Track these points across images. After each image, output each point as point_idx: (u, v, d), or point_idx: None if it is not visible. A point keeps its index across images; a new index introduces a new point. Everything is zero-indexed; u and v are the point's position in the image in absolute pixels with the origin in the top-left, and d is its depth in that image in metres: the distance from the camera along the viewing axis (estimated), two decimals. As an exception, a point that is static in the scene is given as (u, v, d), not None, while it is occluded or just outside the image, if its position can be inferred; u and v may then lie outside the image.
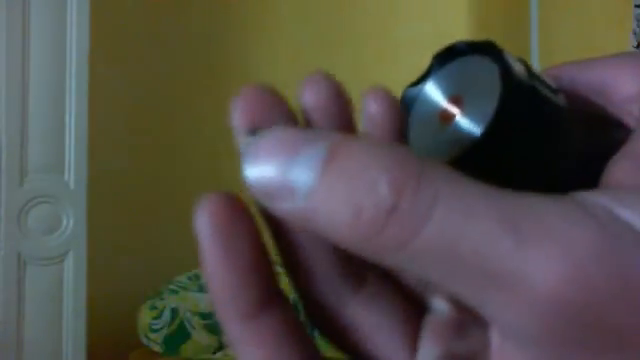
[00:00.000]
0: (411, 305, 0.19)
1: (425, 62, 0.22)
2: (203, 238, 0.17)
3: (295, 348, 0.17)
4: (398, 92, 0.22)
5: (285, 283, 0.18)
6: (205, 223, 0.17)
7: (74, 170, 1.60)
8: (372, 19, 2.57)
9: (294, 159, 0.15)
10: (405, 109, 0.21)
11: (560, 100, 0.19)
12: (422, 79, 0.21)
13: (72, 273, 1.60)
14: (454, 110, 0.20)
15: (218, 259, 0.17)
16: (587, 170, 0.19)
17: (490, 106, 0.18)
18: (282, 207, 0.15)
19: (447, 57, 0.21)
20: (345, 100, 0.19)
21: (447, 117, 0.20)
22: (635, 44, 2.17)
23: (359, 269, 0.18)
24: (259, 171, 0.15)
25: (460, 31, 2.65)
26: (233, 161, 0.19)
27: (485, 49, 0.19)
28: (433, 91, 0.21)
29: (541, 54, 2.53)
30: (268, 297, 0.17)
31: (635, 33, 2.16)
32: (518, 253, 0.13)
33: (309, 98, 0.19)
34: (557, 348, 0.14)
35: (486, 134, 0.18)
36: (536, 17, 2.56)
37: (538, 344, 0.14)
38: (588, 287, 0.13)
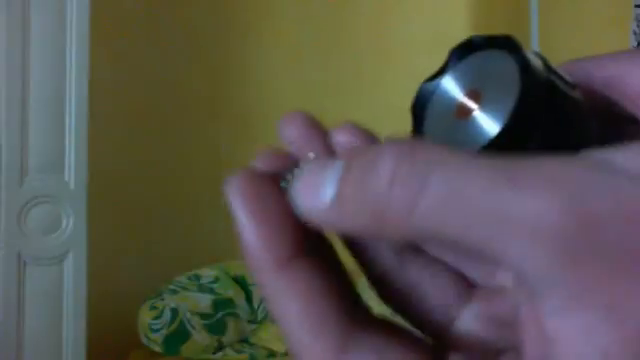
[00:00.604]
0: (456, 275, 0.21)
1: (424, 63, 0.21)
2: (234, 198, 0.19)
3: (330, 299, 0.18)
4: (397, 92, 0.22)
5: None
6: (236, 186, 0.19)
7: (74, 170, 1.60)
8: (371, 20, 2.57)
9: (323, 180, 0.17)
10: (421, 104, 0.21)
11: (577, 95, 0.19)
12: (439, 73, 0.21)
13: (72, 273, 1.60)
14: (472, 105, 0.20)
15: (249, 216, 0.18)
16: None
17: (509, 101, 0.18)
18: (318, 219, 0.18)
19: (464, 51, 0.21)
20: (320, 130, 0.21)
21: (465, 112, 0.20)
22: (635, 44, 2.17)
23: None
24: (302, 198, 0.18)
25: (459, 32, 2.65)
26: (233, 161, 0.19)
27: (503, 43, 0.19)
28: (450, 85, 0.21)
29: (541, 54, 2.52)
30: (299, 249, 0.18)
31: (635, 33, 2.17)
32: (516, 194, 0.14)
33: (287, 134, 0.22)
34: (574, 281, 0.14)
35: (505, 128, 0.18)
36: (536, 17, 2.56)
37: (557, 282, 0.15)
38: (586, 214, 0.14)
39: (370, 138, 0.21)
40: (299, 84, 2.38)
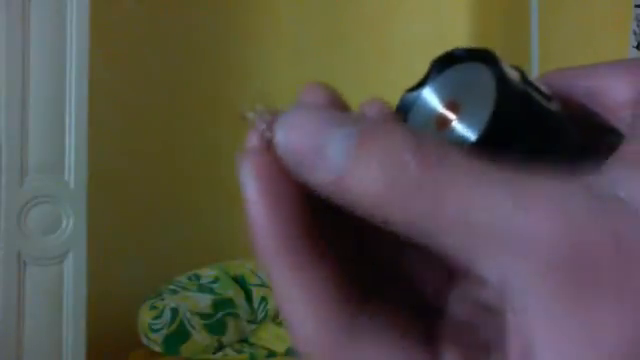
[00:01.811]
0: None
1: (424, 63, 0.22)
2: (246, 176, 0.18)
3: (336, 286, 0.18)
4: (397, 92, 0.23)
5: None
6: (250, 174, 0.18)
7: (74, 170, 1.60)
8: (372, 21, 2.57)
9: (331, 130, 0.16)
10: (402, 113, 0.22)
11: (553, 106, 0.20)
12: (420, 84, 0.22)
13: (72, 273, 1.60)
14: (450, 115, 0.20)
15: (260, 195, 0.17)
16: None
17: (485, 112, 0.19)
18: (315, 175, 0.17)
19: (445, 63, 0.21)
20: (342, 105, 0.20)
21: (444, 122, 0.20)
22: (635, 44, 2.17)
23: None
24: (294, 137, 0.17)
25: (460, 33, 2.66)
26: (233, 162, 0.19)
27: (482, 57, 0.20)
28: (430, 96, 0.21)
29: (541, 54, 2.53)
30: (307, 232, 0.18)
31: (635, 33, 2.16)
32: (518, 213, 0.15)
33: (308, 101, 0.20)
34: (560, 303, 0.15)
35: (480, 139, 0.19)
36: (536, 17, 2.56)
37: (543, 301, 0.15)
38: (581, 243, 0.15)
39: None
40: (299, 84, 2.38)
